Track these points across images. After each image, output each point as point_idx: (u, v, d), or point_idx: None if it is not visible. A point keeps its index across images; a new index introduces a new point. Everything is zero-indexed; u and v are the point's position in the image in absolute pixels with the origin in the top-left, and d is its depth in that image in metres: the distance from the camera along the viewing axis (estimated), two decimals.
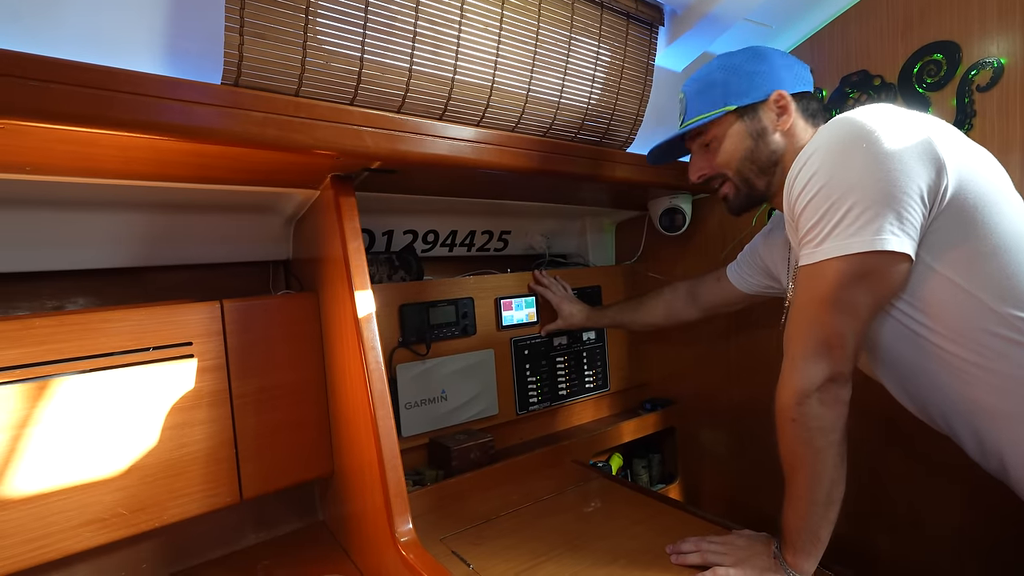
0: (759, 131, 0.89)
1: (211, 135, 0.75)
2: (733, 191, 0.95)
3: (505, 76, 1.12)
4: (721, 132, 0.92)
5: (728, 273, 1.23)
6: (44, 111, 0.62)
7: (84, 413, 0.90)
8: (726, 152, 0.92)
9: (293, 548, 1.18)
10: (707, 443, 1.66)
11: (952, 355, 0.73)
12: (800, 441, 0.77)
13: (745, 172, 0.92)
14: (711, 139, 0.94)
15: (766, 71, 0.90)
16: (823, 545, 0.80)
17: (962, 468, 1.11)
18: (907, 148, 0.70)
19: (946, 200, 0.71)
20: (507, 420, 1.44)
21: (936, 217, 0.71)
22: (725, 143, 0.92)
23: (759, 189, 0.93)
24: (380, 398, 0.93)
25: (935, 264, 0.73)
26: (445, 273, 1.55)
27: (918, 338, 0.76)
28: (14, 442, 0.85)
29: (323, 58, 0.89)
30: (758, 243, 1.16)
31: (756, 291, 1.18)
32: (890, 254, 0.70)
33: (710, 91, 0.92)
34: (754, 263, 1.16)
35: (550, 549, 0.97)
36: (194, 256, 1.23)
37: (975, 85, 1.10)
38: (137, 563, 1.07)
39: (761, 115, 0.89)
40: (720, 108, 0.91)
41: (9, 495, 0.84)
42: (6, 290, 1.08)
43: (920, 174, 0.69)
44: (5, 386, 0.84)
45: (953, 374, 0.74)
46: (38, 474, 0.86)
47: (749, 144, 0.90)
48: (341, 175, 1.03)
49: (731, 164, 0.93)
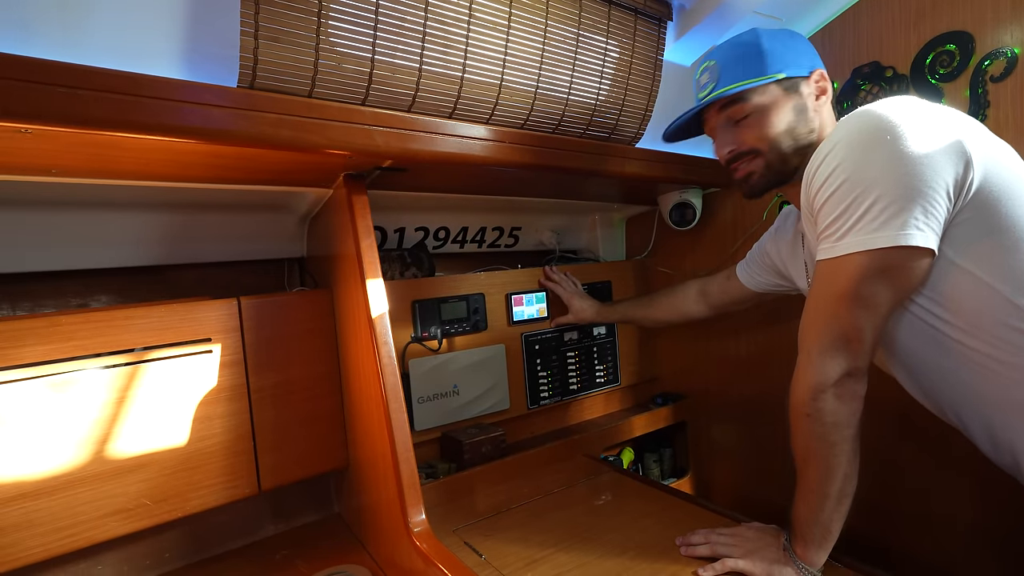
0: (801, 107, 0.86)
1: (228, 137, 0.77)
2: (762, 168, 0.88)
3: (514, 74, 1.13)
4: (764, 102, 0.85)
5: (738, 271, 1.23)
6: (72, 116, 0.65)
7: (109, 407, 0.93)
8: (767, 124, 0.85)
9: (310, 539, 1.21)
10: (718, 437, 1.66)
11: (971, 349, 0.73)
12: (814, 436, 0.76)
13: (783, 147, 0.86)
14: (751, 110, 0.86)
15: (804, 49, 0.88)
16: (834, 538, 0.80)
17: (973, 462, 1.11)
18: (934, 141, 0.68)
19: (971, 194, 0.69)
20: (518, 414, 1.45)
21: (960, 211, 0.70)
22: (768, 114, 0.85)
23: (790, 168, 0.87)
24: (393, 392, 0.94)
25: (957, 258, 0.71)
26: (456, 269, 1.57)
27: (935, 332, 0.75)
28: (42, 435, 0.88)
29: (335, 59, 0.91)
30: (766, 242, 1.15)
31: (765, 289, 1.18)
32: (914, 249, 0.68)
33: (754, 58, 0.85)
34: (762, 261, 1.16)
35: (561, 541, 0.98)
36: (212, 254, 1.26)
37: (988, 75, 1.09)
38: (160, 552, 1.11)
39: (803, 91, 0.86)
40: (769, 76, 0.85)
41: (39, 486, 0.88)
42: (33, 289, 1.11)
43: (947, 168, 0.68)
44: (32, 381, 0.87)
45: (970, 369, 0.74)
46: (65, 466, 0.90)
47: (791, 118, 0.85)
48: (353, 174, 1.05)
49: (768, 137, 0.86)
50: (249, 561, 1.14)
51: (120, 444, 0.94)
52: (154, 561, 1.10)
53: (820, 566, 0.81)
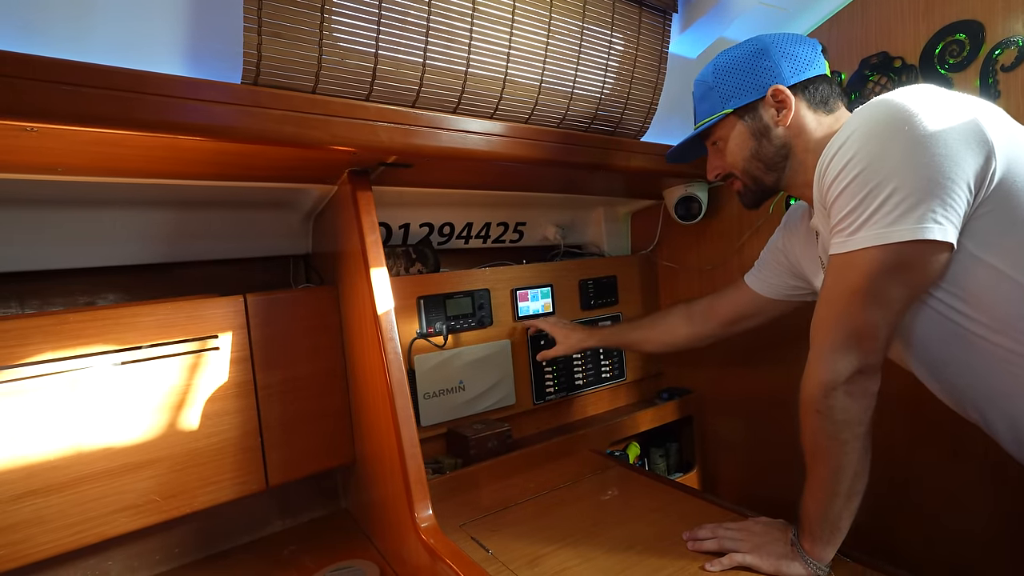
0: (761, 129, 0.88)
1: (232, 133, 0.77)
2: (743, 188, 0.95)
3: (518, 68, 1.12)
4: (724, 134, 0.92)
5: (747, 280, 1.16)
6: (76, 114, 0.65)
7: (116, 404, 0.94)
8: (731, 153, 0.92)
9: (317, 534, 1.22)
10: (724, 432, 1.66)
11: (995, 346, 0.71)
12: (825, 433, 0.76)
13: (752, 171, 0.91)
14: (716, 139, 0.95)
15: (763, 67, 0.87)
16: (843, 534, 0.79)
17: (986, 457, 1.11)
18: (953, 131, 0.66)
19: (993, 186, 0.67)
20: (524, 410, 1.45)
21: (982, 203, 0.68)
22: (729, 144, 0.92)
23: (768, 185, 0.92)
24: (399, 388, 0.95)
25: (979, 252, 0.69)
26: (461, 265, 1.57)
27: (958, 328, 0.73)
28: (51, 432, 0.89)
29: (338, 55, 0.91)
30: (776, 241, 1.11)
31: (780, 295, 1.11)
32: (932, 243, 0.66)
33: (709, 95, 0.92)
34: (774, 261, 1.10)
35: (567, 535, 0.98)
36: (217, 252, 1.26)
37: (999, 65, 1.07)
38: (170, 547, 1.12)
39: (762, 112, 0.88)
40: (719, 112, 0.91)
41: (49, 483, 0.88)
42: (41, 287, 1.12)
43: (967, 159, 0.66)
44: (41, 379, 0.88)
45: (995, 364, 0.72)
46: (75, 463, 0.90)
47: (752, 144, 0.89)
48: (358, 170, 1.05)
49: (737, 164, 0.92)
50: (257, 556, 1.14)
51: (128, 441, 0.95)
52: (164, 556, 1.11)
53: (828, 561, 0.81)
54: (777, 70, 0.87)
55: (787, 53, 0.87)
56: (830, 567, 0.81)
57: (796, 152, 0.87)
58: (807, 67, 0.87)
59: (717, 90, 0.91)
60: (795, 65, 0.87)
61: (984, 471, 1.12)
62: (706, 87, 0.93)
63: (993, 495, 1.12)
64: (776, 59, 0.87)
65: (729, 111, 0.90)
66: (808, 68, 0.87)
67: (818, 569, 0.80)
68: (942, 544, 1.19)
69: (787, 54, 0.87)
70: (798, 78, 0.86)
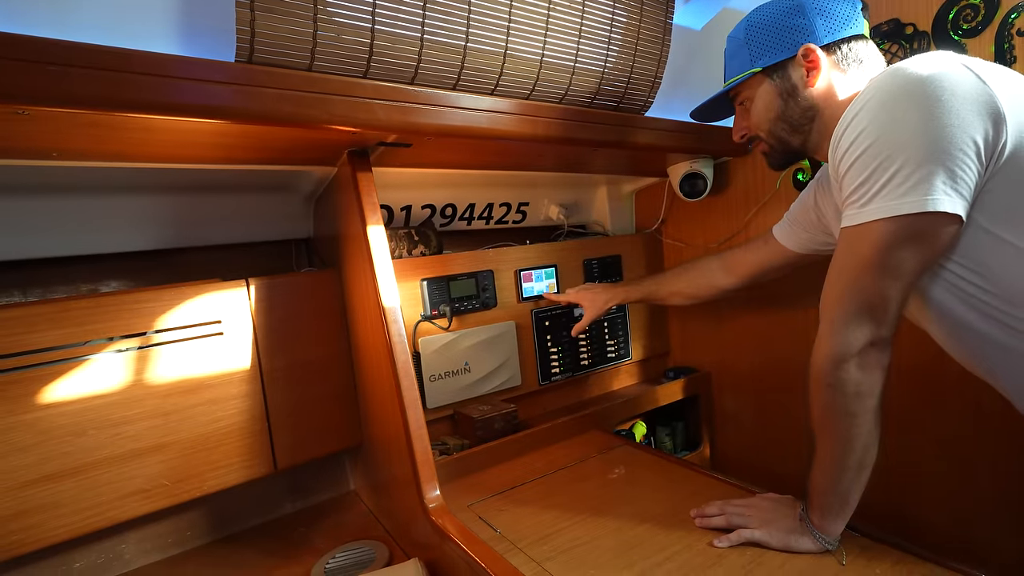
0: (789, 90, 0.86)
1: (227, 113, 0.75)
2: (769, 150, 0.94)
3: (518, 42, 1.09)
4: (752, 93, 0.91)
5: (775, 233, 1.15)
6: (65, 96, 0.63)
7: (122, 391, 0.94)
8: (757, 113, 0.91)
9: (327, 515, 1.23)
10: (730, 409, 1.65)
11: (1013, 317, 0.70)
12: (835, 406, 0.75)
13: (778, 132, 0.90)
14: (744, 99, 0.93)
15: (797, 24, 0.84)
16: (852, 508, 0.79)
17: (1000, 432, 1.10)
18: (963, 99, 0.65)
19: (1004, 156, 0.66)
20: (530, 391, 1.45)
21: (993, 175, 0.67)
22: (756, 104, 0.90)
23: (794, 147, 0.90)
24: (404, 370, 0.94)
25: (991, 226, 0.68)
26: (464, 247, 1.55)
27: (972, 299, 0.72)
28: (59, 419, 0.89)
29: (334, 31, 0.88)
30: (808, 198, 1.07)
31: (809, 249, 1.10)
32: (941, 215, 0.66)
33: (739, 52, 0.90)
34: (807, 219, 1.08)
35: (575, 514, 0.99)
36: (219, 237, 1.26)
37: (1015, 29, 1.03)
38: (182, 530, 1.13)
39: (791, 72, 0.85)
40: (747, 70, 0.89)
41: (61, 469, 0.89)
42: (43, 275, 1.12)
43: (976, 128, 0.64)
44: (47, 366, 0.88)
45: (1013, 335, 0.71)
46: (84, 449, 0.91)
47: (779, 104, 0.87)
48: (357, 150, 1.03)
49: (762, 125, 0.91)
50: (268, 538, 1.16)
51: (135, 427, 0.95)
52: (176, 539, 1.13)
53: (837, 535, 0.81)
54: (811, 28, 0.84)
55: (823, 10, 0.84)
56: (839, 541, 0.81)
57: (823, 115, 0.85)
58: (843, 26, 0.84)
59: (748, 47, 0.89)
60: (831, 23, 0.83)
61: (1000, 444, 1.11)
62: (738, 44, 0.91)
63: (1006, 470, 1.11)
64: (811, 16, 0.84)
65: (758, 70, 0.88)
66: (844, 27, 0.83)
67: (827, 543, 0.80)
68: (952, 518, 1.19)
69: (823, 11, 0.84)
70: (832, 37, 0.83)
